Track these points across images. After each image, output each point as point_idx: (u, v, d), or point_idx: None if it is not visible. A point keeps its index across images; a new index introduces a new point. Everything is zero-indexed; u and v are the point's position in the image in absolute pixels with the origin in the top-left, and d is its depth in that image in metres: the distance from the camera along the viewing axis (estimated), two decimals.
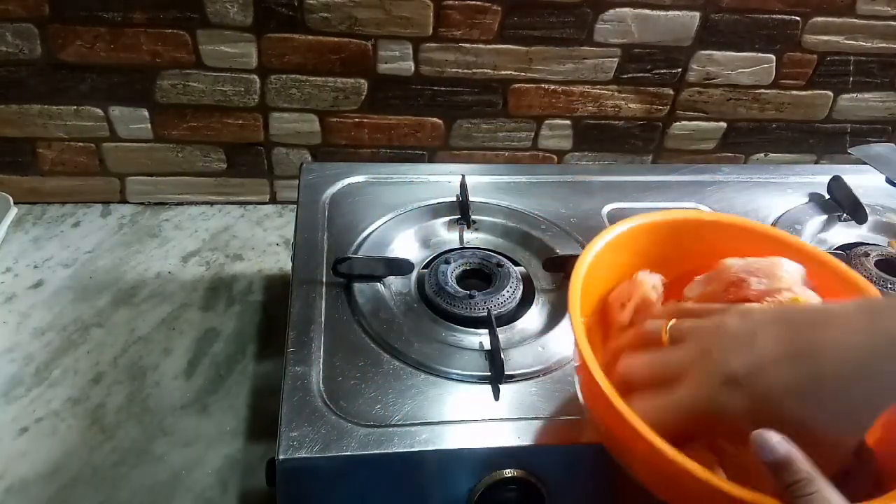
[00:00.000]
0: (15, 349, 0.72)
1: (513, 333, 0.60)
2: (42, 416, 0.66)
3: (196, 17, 0.80)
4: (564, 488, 0.50)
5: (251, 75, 0.85)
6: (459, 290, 0.61)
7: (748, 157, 1.02)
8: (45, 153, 0.88)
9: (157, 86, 0.85)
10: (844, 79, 0.95)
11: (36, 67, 0.81)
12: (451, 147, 0.95)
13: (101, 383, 0.70)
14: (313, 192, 0.72)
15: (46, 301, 0.78)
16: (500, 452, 0.49)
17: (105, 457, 0.63)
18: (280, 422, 0.49)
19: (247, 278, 0.84)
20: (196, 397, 0.69)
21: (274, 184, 0.95)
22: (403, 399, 0.51)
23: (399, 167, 0.78)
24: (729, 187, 0.78)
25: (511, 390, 0.53)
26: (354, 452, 0.47)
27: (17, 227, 0.87)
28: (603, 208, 0.73)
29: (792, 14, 0.88)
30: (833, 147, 1.02)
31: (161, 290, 0.81)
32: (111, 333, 0.75)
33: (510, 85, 0.90)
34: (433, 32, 0.84)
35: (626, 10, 0.85)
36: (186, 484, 0.62)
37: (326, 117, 0.90)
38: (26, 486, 0.60)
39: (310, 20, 0.82)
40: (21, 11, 0.77)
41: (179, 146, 0.90)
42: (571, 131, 0.95)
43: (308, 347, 0.55)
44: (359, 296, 0.60)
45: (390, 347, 0.55)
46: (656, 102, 0.94)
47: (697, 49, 0.90)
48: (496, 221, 0.71)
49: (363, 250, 0.65)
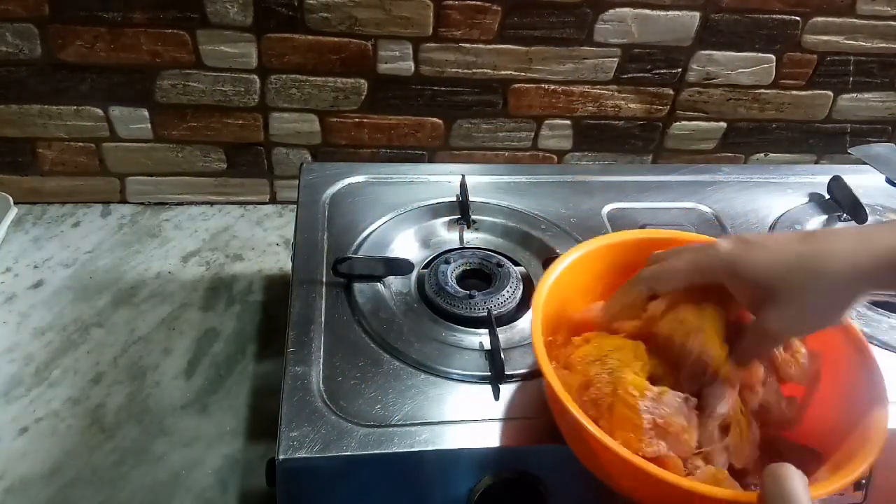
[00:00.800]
0: (15, 349, 0.72)
1: (513, 333, 0.60)
2: (42, 416, 0.66)
3: (196, 17, 0.80)
4: (564, 488, 0.50)
5: (251, 75, 0.85)
6: (459, 290, 0.61)
7: (748, 157, 1.02)
8: (45, 153, 0.88)
9: (157, 86, 0.85)
10: (844, 79, 0.95)
11: (36, 67, 0.81)
12: (451, 147, 0.95)
13: (101, 383, 0.70)
14: (313, 192, 0.72)
15: (46, 301, 0.78)
16: (500, 452, 0.49)
17: (105, 457, 0.63)
18: (280, 422, 0.49)
19: (247, 278, 0.84)
20: (196, 397, 0.69)
21: (274, 184, 0.95)
22: (403, 399, 0.51)
23: (399, 167, 0.78)
24: (729, 187, 0.78)
25: (511, 390, 0.53)
26: (354, 452, 0.47)
27: (17, 227, 0.87)
28: (603, 208, 0.73)
29: (792, 14, 0.88)
30: (833, 147, 1.02)
31: (161, 290, 0.81)
32: (111, 333, 0.75)
33: (510, 85, 0.90)
34: (433, 32, 0.84)
35: (626, 10, 0.85)
36: (186, 484, 0.62)
37: (326, 117, 0.90)
38: (26, 486, 0.60)
39: (310, 20, 0.82)
40: (21, 11, 0.77)
41: (179, 146, 0.90)
42: (571, 131, 0.95)
43: (308, 347, 0.55)
44: (359, 296, 0.60)
45: (390, 347, 0.55)
46: (656, 102, 0.94)
47: (697, 49, 0.90)
48: (496, 221, 0.71)
49: (363, 250, 0.65)
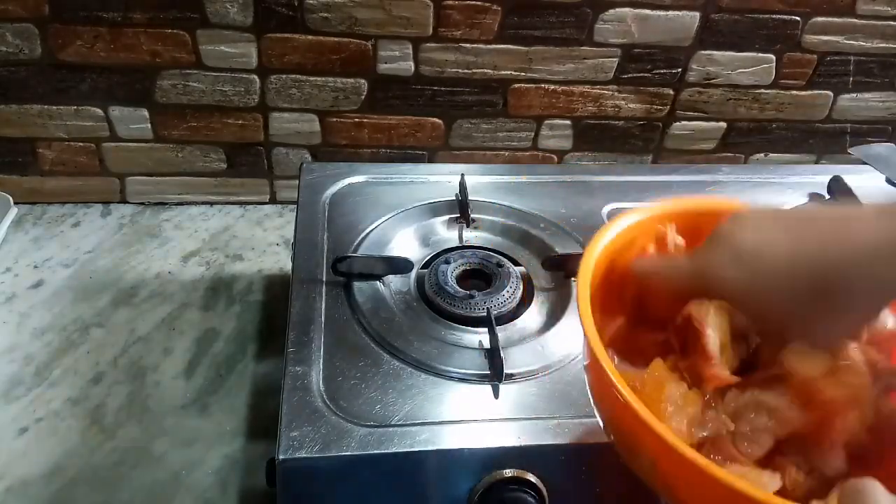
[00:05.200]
0: (15, 349, 0.72)
1: (512, 332, 0.60)
2: (42, 416, 0.66)
3: (196, 17, 0.80)
4: (564, 488, 0.50)
5: (251, 75, 0.85)
6: (459, 290, 0.61)
7: (748, 157, 1.02)
8: (45, 153, 0.88)
9: (157, 86, 0.85)
10: (844, 79, 0.95)
11: (36, 67, 0.81)
12: (451, 147, 0.95)
13: (101, 383, 0.69)
14: (313, 192, 0.72)
15: (46, 301, 0.78)
16: (500, 452, 0.49)
17: (105, 457, 0.63)
18: (280, 422, 0.49)
19: (247, 278, 0.84)
20: (196, 397, 0.69)
21: (274, 184, 0.95)
22: (403, 399, 0.51)
23: (399, 167, 0.78)
24: (729, 187, 0.78)
25: (511, 390, 0.53)
26: (354, 452, 0.47)
27: (17, 227, 0.87)
28: (603, 208, 0.73)
29: (792, 14, 0.88)
30: (833, 147, 1.02)
31: (161, 290, 0.81)
32: (111, 333, 0.75)
33: (510, 85, 0.90)
34: (433, 32, 0.84)
35: (626, 10, 0.85)
36: (186, 484, 0.62)
37: (326, 117, 0.90)
38: (26, 486, 0.60)
39: (310, 20, 0.82)
40: (21, 11, 0.77)
41: (179, 146, 0.90)
42: (571, 131, 0.95)
43: (308, 347, 0.55)
44: (358, 295, 0.60)
45: (390, 347, 0.55)
46: (656, 102, 0.94)
47: (697, 49, 0.90)
48: (495, 220, 0.71)
49: (362, 249, 0.65)
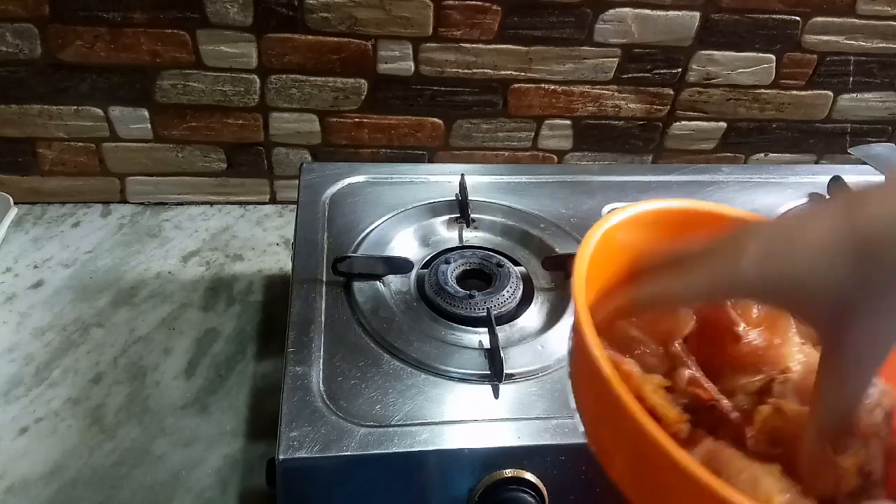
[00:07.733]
0: (15, 349, 0.72)
1: (512, 332, 0.60)
2: (42, 416, 0.66)
3: (196, 17, 0.80)
4: (564, 488, 0.50)
5: (251, 75, 0.85)
6: (459, 290, 0.61)
7: (748, 157, 1.02)
8: (45, 153, 0.88)
9: (157, 86, 0.85)
10: (844, 79, 0.95)
11: (36, 67, 0.81)
12: (451, 147, 0.95)
13: (101, 383, 0.69)
14: (313, 192, 0.72)
15: (46, 301, 0.78)
16: (500, 452, 0.49)
17: (105, 457, 0.63)
18: (280, 422, 0.49)
19: (247, 278, 0.84)
20: (196, 397, 0.69)
21: (274, 184, 0.95)
22: (403, 399, 0.51)
23: (399, 167, 0.78)
24: (729, 187, 0.78)
25: (511, 390, 0.53)
26: (354, 452, 0.47)
27: (17, 227, 0.87)
28: (603, 208, 0.73)
29: (792, 14, 0.88)
30: (833, 147, 1.02)
31: (161, 290, 0.81)
32: (111, 333, 0.75)
33: (510, 85, 0.90)
34: (433, 32, 0.84)
35: (626, 10, 0.85)
36: (186, 484, 0.62)
37: (326, 117, 0.90)
38: (26, 486, 0.60)
39: (310, 20, 0.82)
40: (21, 11, 0.77)
41: (179, 146, 0.90)
42: (571, 131, 0.95)
43: (308, 347, 0.55)
44: (358, 294, 0.60)
45: (390, 347, 0.55)
46: (656, 102, 0.94)
47: (697, 49, 0.90)
48: (495, 220, 0.71)
49: (362, 249, 0.65)
